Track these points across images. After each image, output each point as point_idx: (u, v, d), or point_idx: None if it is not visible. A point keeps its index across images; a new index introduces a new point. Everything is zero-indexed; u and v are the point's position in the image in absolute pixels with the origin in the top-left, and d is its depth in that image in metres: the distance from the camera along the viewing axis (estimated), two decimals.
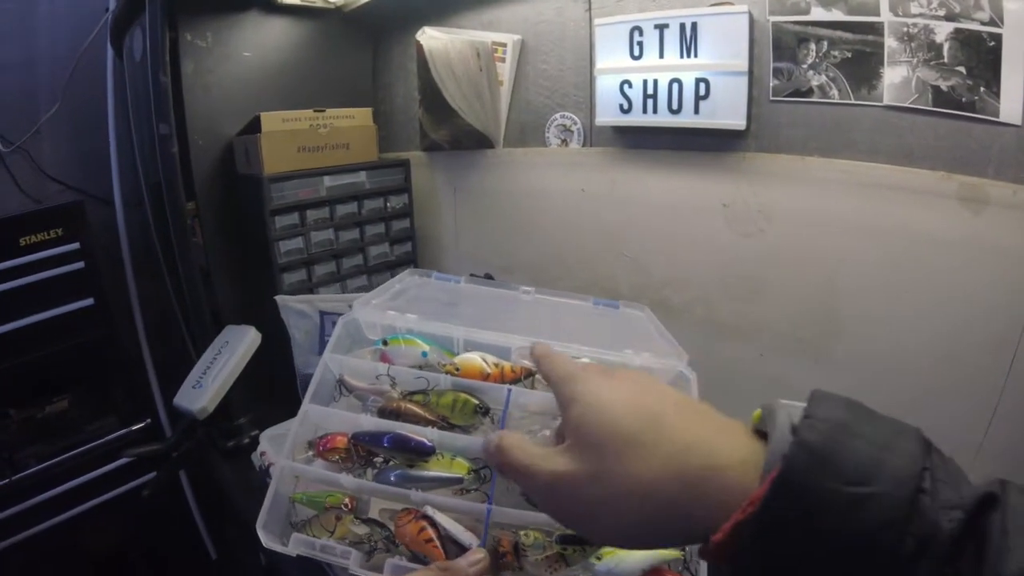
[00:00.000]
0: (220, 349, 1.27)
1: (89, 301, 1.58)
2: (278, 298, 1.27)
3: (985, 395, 0.97)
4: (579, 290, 1.38)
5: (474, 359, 0.70)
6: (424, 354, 0.71)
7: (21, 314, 1.48)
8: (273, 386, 1.34)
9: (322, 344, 1.28)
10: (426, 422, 0.65)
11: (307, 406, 0.65)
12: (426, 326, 0.74)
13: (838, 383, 1.09)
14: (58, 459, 1.57)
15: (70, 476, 1.59)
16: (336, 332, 0.73)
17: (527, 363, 0.71)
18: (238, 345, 1.27)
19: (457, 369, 0.69)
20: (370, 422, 0.65)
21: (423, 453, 0.62)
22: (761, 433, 0.35)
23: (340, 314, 1.26)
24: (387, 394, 0.68)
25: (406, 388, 0.69)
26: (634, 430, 0.37)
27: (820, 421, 0.31)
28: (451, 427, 0.66)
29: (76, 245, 1.55)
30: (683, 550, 0.58)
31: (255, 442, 1.23)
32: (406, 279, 0.84)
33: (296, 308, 1.27)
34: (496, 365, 0.70)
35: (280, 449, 1.08)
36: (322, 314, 1.28)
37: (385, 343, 0.73)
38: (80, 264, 1.56)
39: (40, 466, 1.54)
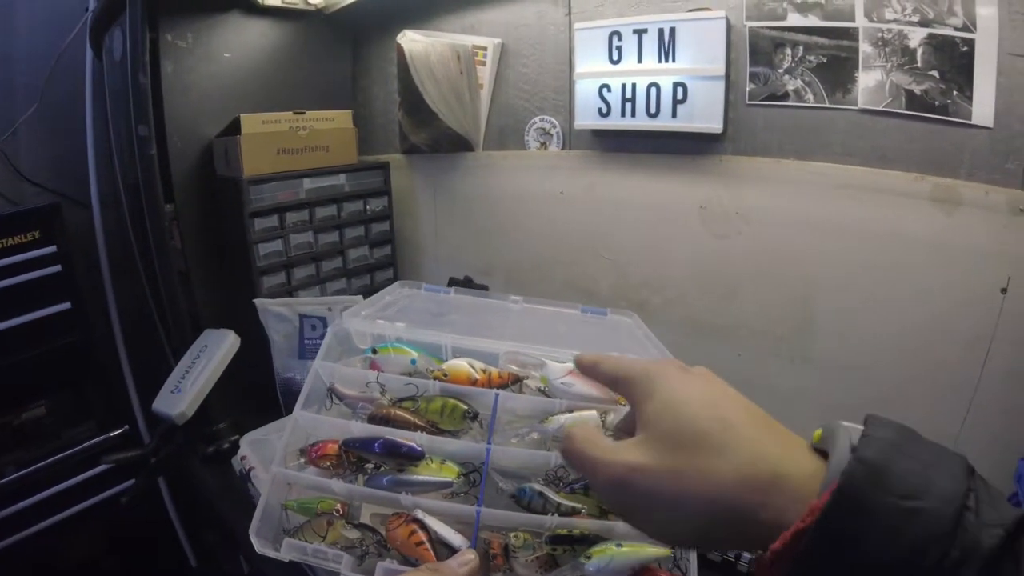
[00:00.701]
0: (199, 353, 1.26)
1: (66, 305, 1.56)
2: (257, 301, 1.26)
3: (960, 390, 0.99)
4: (558, 292, 1.40)
5: (462, 365, 0.71)
6: (413, 361, 0.72)
7: None
8: (253, 390, 1.33)
9: (302, 347, 1.27)
10: (415, 427, 0.65)
11: (298, 413, 0.66)
12: (415, 334, 0.75)
13: (815, 381, 1.11)
14: (35, 466, 1.54)
15: (47, 484, 1.55)
16: (326, 341, 0.74)
17: (514, 368, 0.72)
18: (217, 349, 1.26)
19: (445, 375, 0.70)
20: (360, 428, 0.65)
21: (413, 458, 0.62)
22: (822, 452, 0.37)
23: (320, 317, 1.26)
24: (377, 401, 0.69)
25: (395, 395, 0.69)
26: (710, 431, 0.38)
27: (876, 440, 0.33)
28: (440, 432, 0.66)
29: (53, 248, 1.53)
30: (673, 548, 0.58)
31: (235, 447, 1.22)
32: (396, 291, 0.85)
33: (275, 311, 1.26)
34: (484, 371, 0.71)
35: (260, 453, 1.08)
36: (301, 317, 1.27)
37: (375, 351, 0.73)
38: (57, 267, 1.53)
39: (17, 474, 1.51)
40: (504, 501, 0.61)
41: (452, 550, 0.55)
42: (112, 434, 1.67)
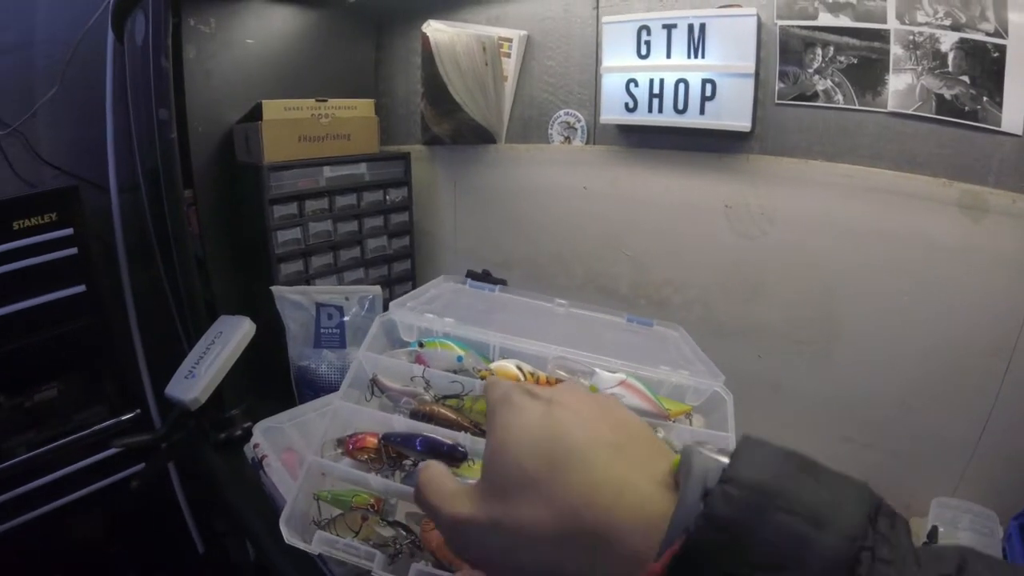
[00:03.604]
0: (214, 339, 1.26)
1: (81, 288, 1.55)
2: (274, 289, 1.26)
3: (981, 398, 0.98)
4: (578, 288, 1.39)
5: (509, 367, 0.70)
6: (459, 359, 0.71)
7: (11, 300, 1.45)
8: (267, 378, 1.33)
9: (317, 336, 1.27)
10: (459, 427, 0.64)
11: (338, 403, 0.65)
12: (463, 331, 0.74)
13: (837, 384, 1.11)
14: (45, 448, 1.54)
15: (58, 465, 1.56)
16: (372, 331, 0.73)
17: (562, 373, 0.71)
18: (232, 336, 1.25)
19: (492, 375, 0.69)
20: (402, 423, 0.64)
21: (456, 459, 0.60)
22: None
23: (336, 306, 1.26)
24: (420, 396, 0.68)
25: (440, 392, 0.68)
26: (535, 473, 0.33)
27: (739, 487, 0.26)
28: (484, 434, 0.64)
29: (70, 231, 1.52)
30: None
31: (248, 434, 1.21)
32: (440, 284, 0.86)
33: (292, 299, 1.26)
34: (531, 374, 0.70)
35: (274, 442, 1.08)
36: (318, 306, 1.26)
37: (421, 345, 0.72)
38: (73, 250, 1.53)
39: (27, 455, 1.51)
40: None
41: None
42: (123, 418, 1.67)
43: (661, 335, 0.82)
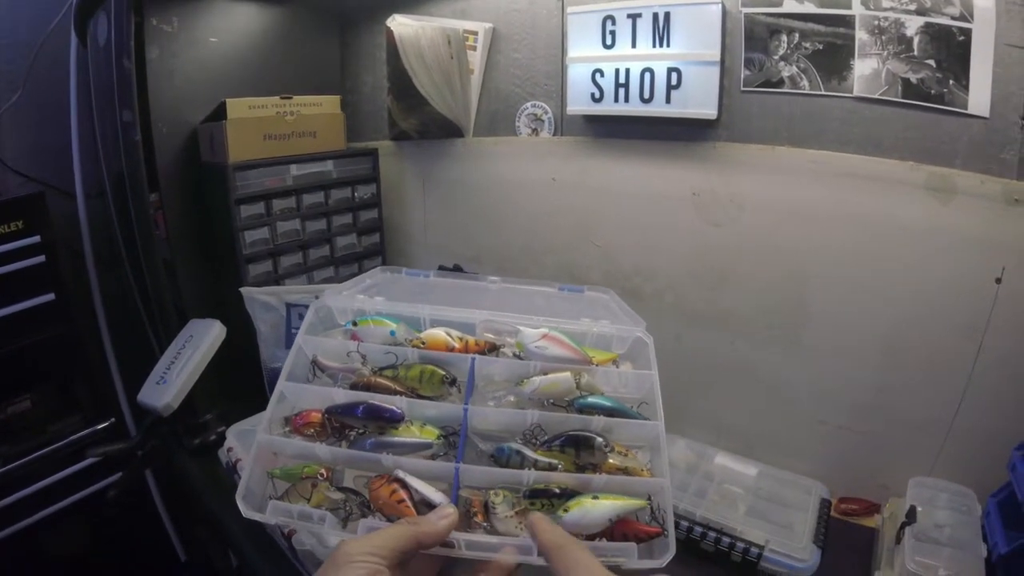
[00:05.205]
0: (184, 343, 1.24)
1: (50, 296, 1.53)
2: (243, 290, 1.24)
3: (954, 379, 0.99)
4: (548, 279, 1.39)
5: (439, 334, 0.73)
6: (392, 332, 0.74)
7: None
8: (239, 381, 1.31)
9: (289, 337, 1.25)
10: (396, 393, 0.67)
11: (282, 384, 0.67)
12: (394, 308, 0.78)
13: (809, 368, 1.11)
14: (20, 461, 1.52)
15: (33, 478, 1.53)
16: (308, 317, 0.76)
17: (490, 336, 0.75)
18: (203, 339, 1.24)
19: (423, 343, 0.72)
20: (343, 395, 0.67)
21: (394, 420, 0.64)
22: None
23: (307, 306, 1.24)
24: (358, 371, 0.71)
25: (376, 364, 0.72)
26: None
27: None
28: (420, 398, 0.68)
29: (37, 238, 1.50)
30: (649, 499, 0.59)
31: (222, 438, 1.20)
32: (377, 275, 0.88)
33: (262, 300, 1.24)
34: (461, 339, 0.73)
35: (247, 445, 1.07)
36: (288, 306, 1.25)
37: (355, 324, 0.76)
38: (41, 258, 1.50)
39: (2, 469, 1.49)
40: (484, 462, 0.63)
41: (434, 508, 0.55)
42: (98, 427, 1.64)
43: (591, 299, 0.85)
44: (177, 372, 1.20)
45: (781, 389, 1.16)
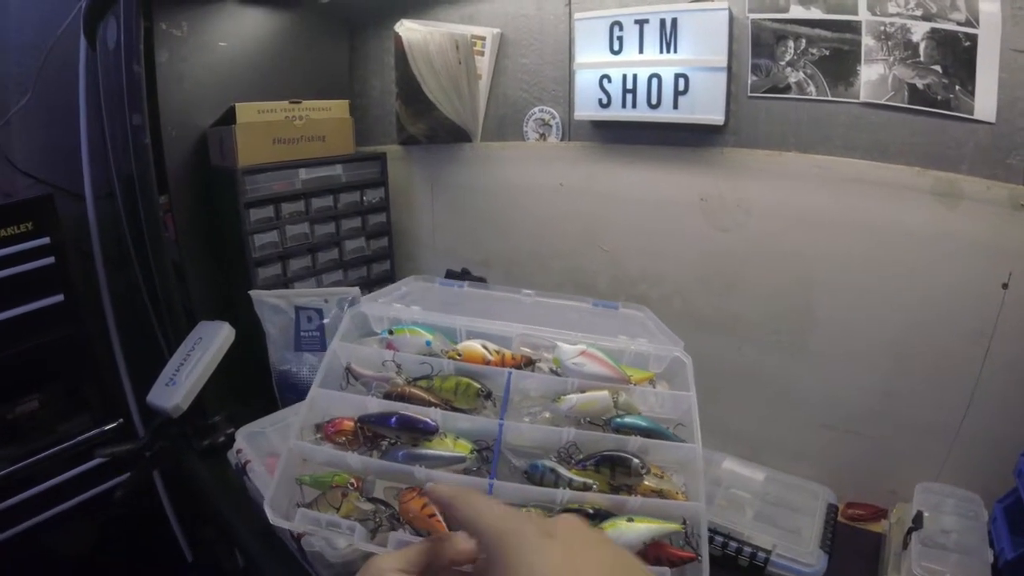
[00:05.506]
0: (193, 345, 1.25)
1: (59, 297, 1.54)
2: (252, 293, 1.25)
3: (961, 384, 0.99)
4: (556, 285, 1.39)
5: (475, 346, 0.74)
6: (428, 343, 0.75)
7: None
8: (248, 383, 1.32)
9: (297, 339, 1.26)
10: (430, 405, 0.67)
11: (315, 391, 0.67)
12: (430, 317, 0.78)
13: (817, 374, 1.12)
14: (28, 461, 1.53)
15: (41, 478, 1.54)
16: (344, 324, 0.76)
17: (527, 350, 0.75)
18: (212, 341, 1.24)
19: (459, 355, 0.72)
20: (376, 404, 0.67)
21: (428, 432, 0.64)
22: None
23: (316, 309, 1.25)
24: (393, 380, 0.71)
25: (411, 374, 0.72)
26: None
27: None
28: (455, 410, 0.68)
29: (46, 240, 1.51)
30: (684, 523, 0.58)
31: (231, 440, 1.20)
32: (411, 283, 0.89)
33: (271, 303, 1.25)
34: (497, 352, 0.73)
35: (257, 447, 1.07)
36: (297, 309, 1.26)
37: (391, 332, 0.76)
38: (50, 259, 1.52)
39: (10, 468, 1.50)
40: (517, 478, 0.62)
41: None
42: (106, 428, 1.65)
43: (626, 316, 0.85)
44: (187, 374, 1.21)
45: (788, 394, 1.16)
